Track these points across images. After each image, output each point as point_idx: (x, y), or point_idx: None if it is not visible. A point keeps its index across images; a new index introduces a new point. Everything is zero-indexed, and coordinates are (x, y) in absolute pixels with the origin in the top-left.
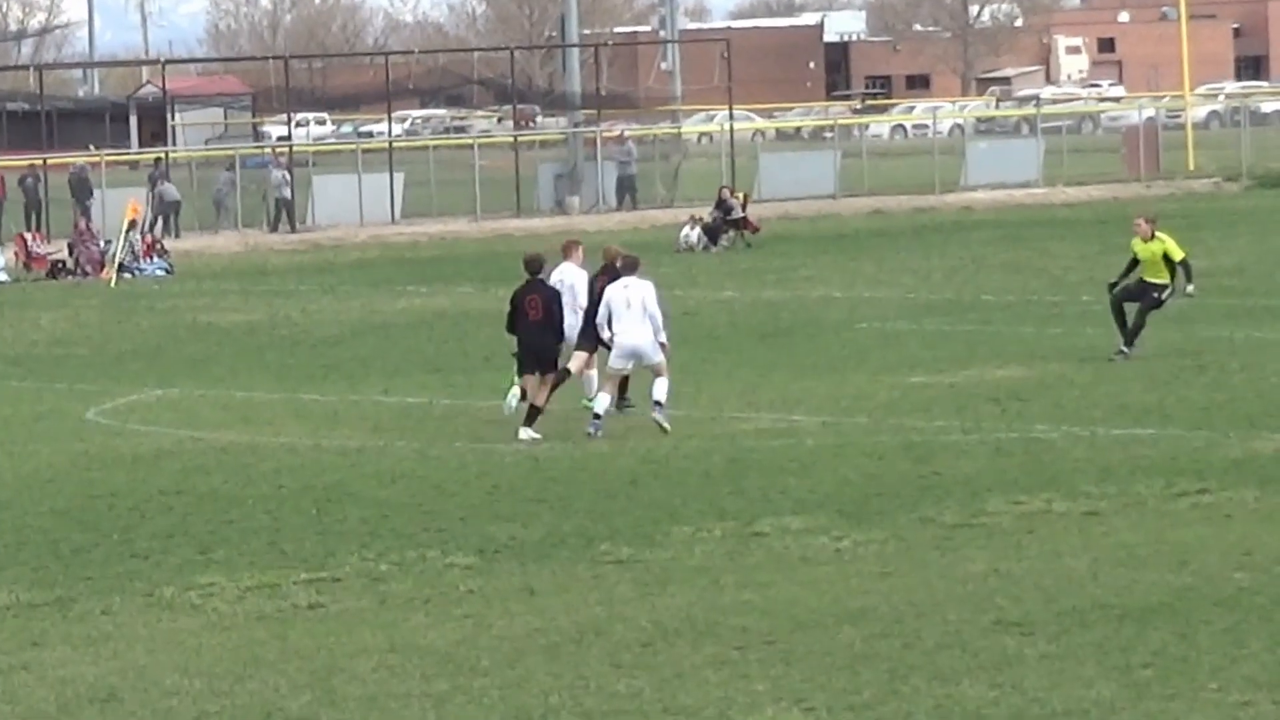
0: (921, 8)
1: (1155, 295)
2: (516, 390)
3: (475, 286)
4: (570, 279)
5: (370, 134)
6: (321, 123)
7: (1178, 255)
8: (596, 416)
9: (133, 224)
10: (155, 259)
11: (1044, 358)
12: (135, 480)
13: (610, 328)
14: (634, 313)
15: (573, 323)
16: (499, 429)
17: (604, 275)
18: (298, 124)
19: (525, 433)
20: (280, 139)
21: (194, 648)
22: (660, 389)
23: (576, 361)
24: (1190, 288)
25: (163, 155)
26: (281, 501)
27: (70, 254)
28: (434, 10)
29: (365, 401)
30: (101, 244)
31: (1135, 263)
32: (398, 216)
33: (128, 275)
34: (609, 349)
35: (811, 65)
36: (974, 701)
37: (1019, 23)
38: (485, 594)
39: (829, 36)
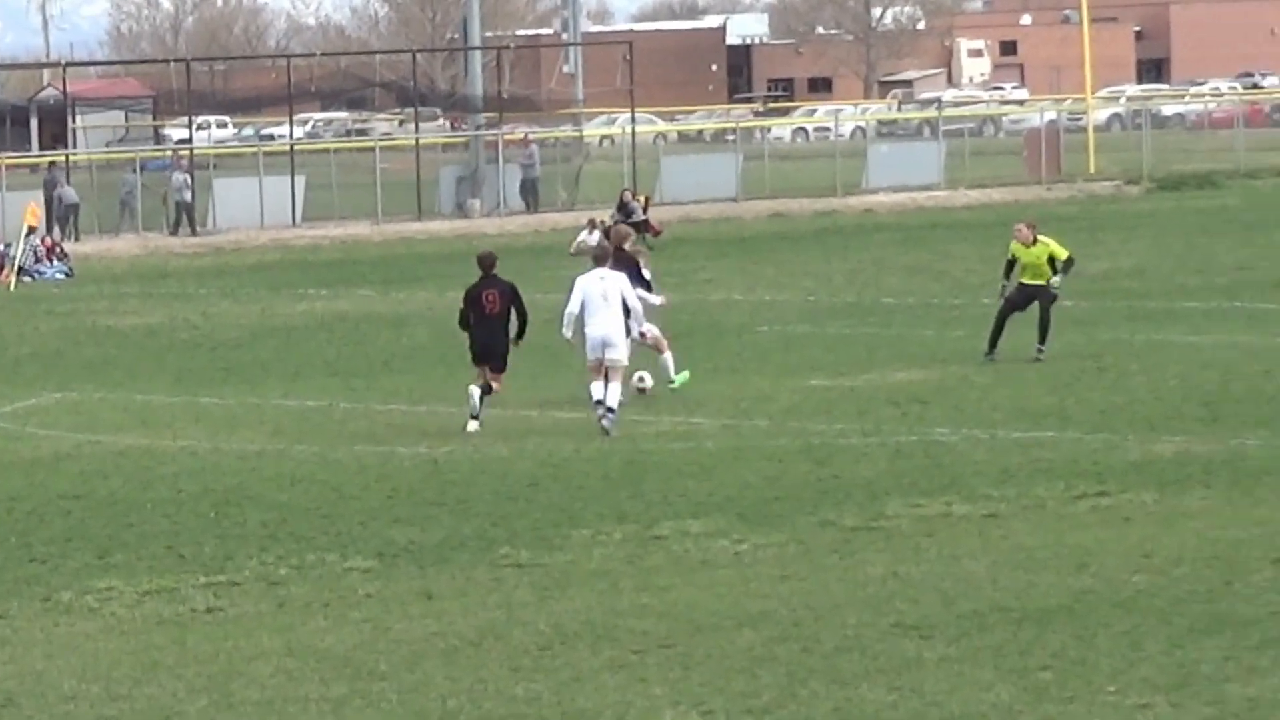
0: (824, 10)
1: (1047, 293)
2: (475, 389)
3: (376, 289)
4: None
5: (271, 137)
6: (223, 126)
7: (1063, 254)
8: (600, 404)
9: (32, 228)
10: (55, 262)
11: (944, 360)
12: (34, 484)
13: (583, 318)
14: (609, 304)
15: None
16: (399, 432)
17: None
18: (199, 127)
19: (473, 424)
20: (181, 142)
21: (92, 652)
22: (614, 394)
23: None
24: (1056, 279)
25: (59, 158)
26: (180, 505)
27: None
28: (336, 13)
29: (265, 405)
30: (0, 247)
31: (1013, 264)
32: (299, 219)
33: (28, 279)
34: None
35: (714, 68)
36: (873, 705)
37: (921, 25)
38: (384, 598)
39: (731, 39)
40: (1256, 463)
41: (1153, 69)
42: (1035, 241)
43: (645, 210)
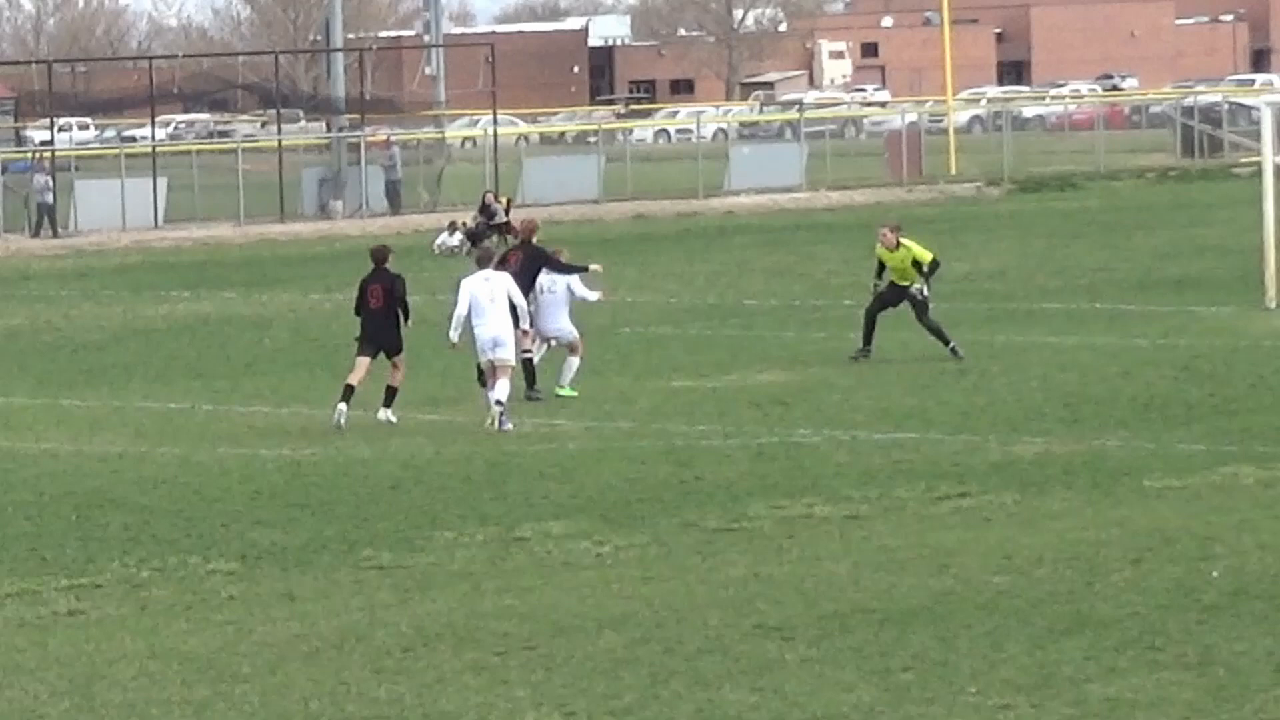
0: (686, 12)
1: (917, 297)
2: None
3: (239, 291)
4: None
5: (133, 138)
6: (85, 127)
7: (926, 258)
8: (499, 403)
9: None
10: None
11: (806, 362)
12: None
13: (471, 320)
14: (496, 305)
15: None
16: (262, 435)
17: (519, 251)
18: (60, 128)
19: (384, 413)
20: (43, 143)
21: None
22: (502, 390)
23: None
24: (916, 286)
25: None
26: (42, 508)
27: None
28: (198, 15)
29: (127, 407)
30: None
31: (883, 266)
32: (161, 221)
33: None
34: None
35: (576, 70)
36: (735, 706)
37: (783, 27)
38: (246, 600)
39: (593, 41)
40: (1116, 463)
41: (1013, 71)
42: (899, 245)
43: (507, 212)
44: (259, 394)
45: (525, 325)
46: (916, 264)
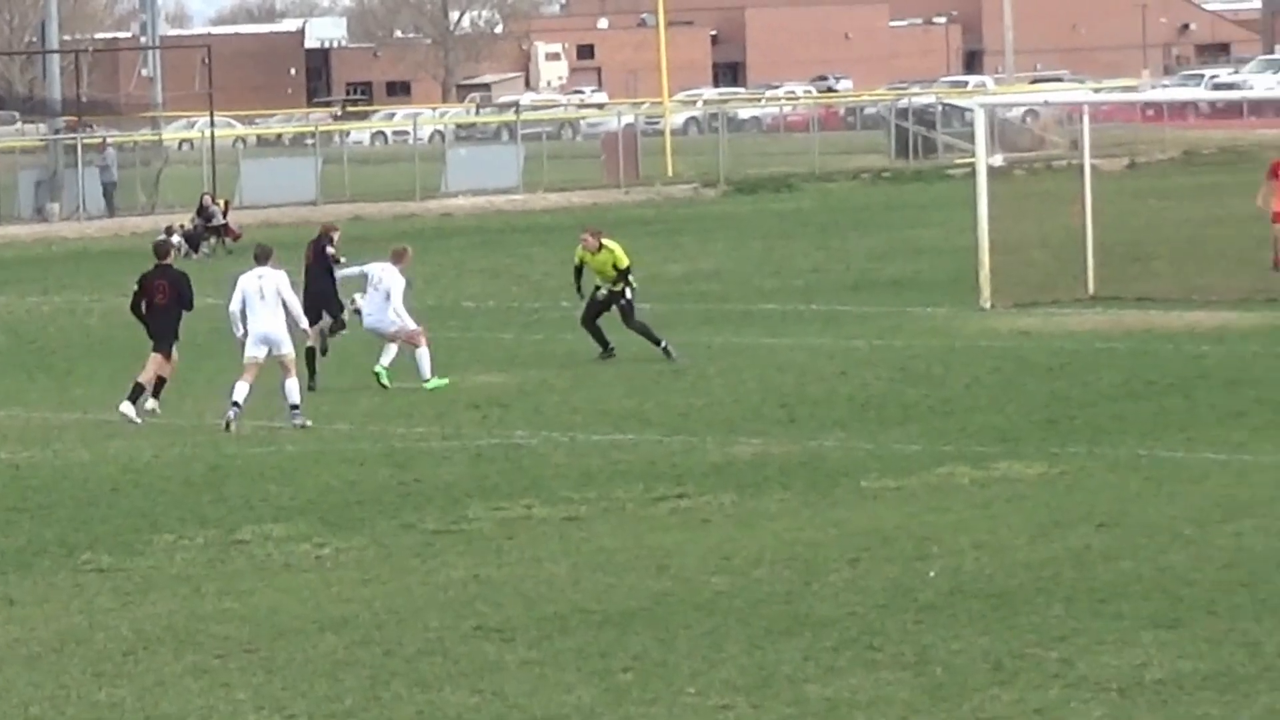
0: (402, 14)
1: (622, 300)
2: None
3: None
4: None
5: None
6: None
7: (624, 263)
8: (236, 405)
9: None
10: None
11: (524, 364)
12: None
13: (244, 318)
14: (268, 302)
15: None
16: None
17: (314, 245)
18: None
19: (131, 408)
20: None
21: None
22: (293, 391)
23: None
24: (623, 288)
25: None
26: None
27: None
28: None
29: None
30: None
31: (581, 269)
32: None
33: None
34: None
35: (293, 72)
36: (455, 708)
37: (499, 29)
38: None
39: (310, 43)
40: (833, 464)
41: (729, 73)
42: (601, 248)
43: (225, 214)
44: None
45: (304, 325)
46: (616, 267)
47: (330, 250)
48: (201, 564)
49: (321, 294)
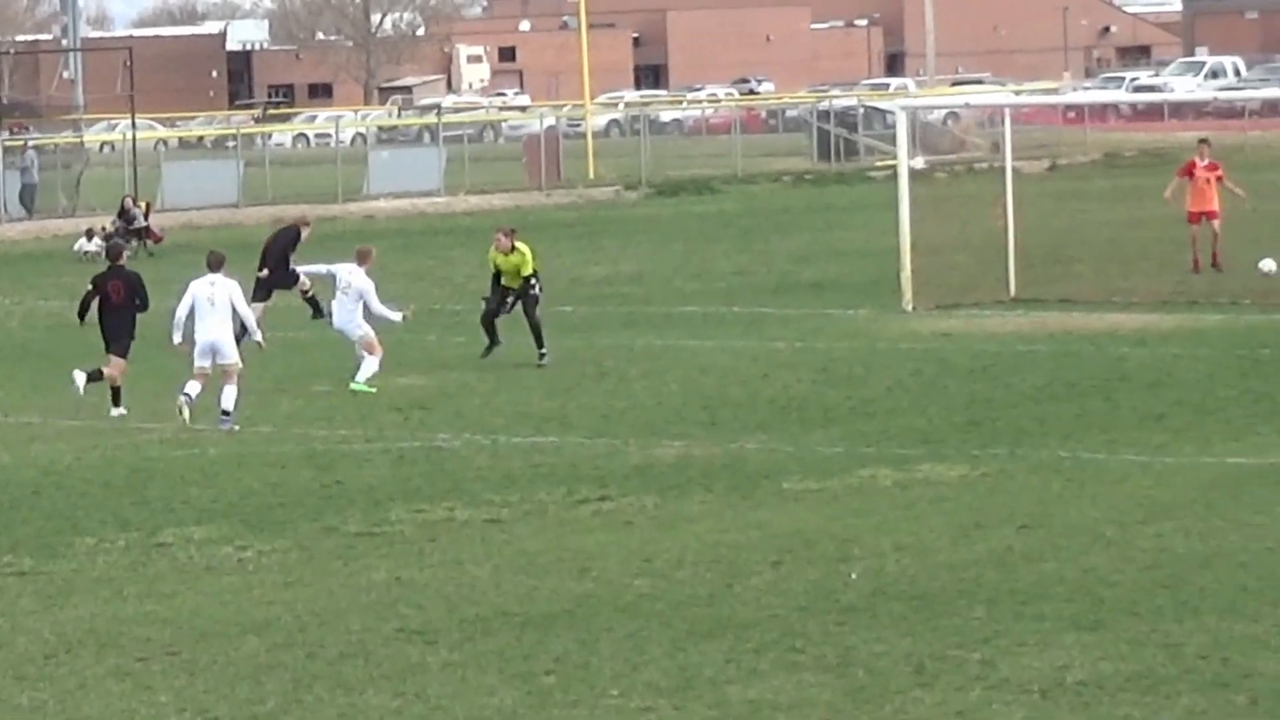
0: (324, 16)
1: (530, 293)
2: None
3: None
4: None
5: None
6: None
7: (528, 270)
8: (187, 395)
9: None
10: None
11: (446, 366)
12: None
13: (193, 323)
14: (217, 310)
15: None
16: None
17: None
18: None
19: (120, 409)
20: None
21: None
22: (229, 397)
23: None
24: (533, 281)
25: None
26: None
27: None
28: None
29: None
30: None
31: (500, 274)
32: None
33: None
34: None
35: (214, 74)
36: (377, 710)
37: (421, 32)
38: None
39: (232, 45)
40: (755, 466)
41: (651, 75)
42: (514, 249)
43: (146, 216)
44: None
45: (258, 338)
46: (521, 272)
47: (300, 241)
48: (123, 567)
49: (280, 281)
